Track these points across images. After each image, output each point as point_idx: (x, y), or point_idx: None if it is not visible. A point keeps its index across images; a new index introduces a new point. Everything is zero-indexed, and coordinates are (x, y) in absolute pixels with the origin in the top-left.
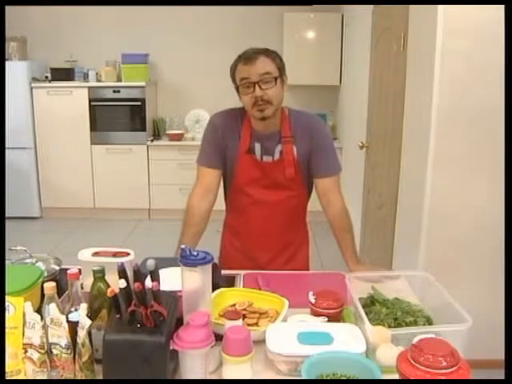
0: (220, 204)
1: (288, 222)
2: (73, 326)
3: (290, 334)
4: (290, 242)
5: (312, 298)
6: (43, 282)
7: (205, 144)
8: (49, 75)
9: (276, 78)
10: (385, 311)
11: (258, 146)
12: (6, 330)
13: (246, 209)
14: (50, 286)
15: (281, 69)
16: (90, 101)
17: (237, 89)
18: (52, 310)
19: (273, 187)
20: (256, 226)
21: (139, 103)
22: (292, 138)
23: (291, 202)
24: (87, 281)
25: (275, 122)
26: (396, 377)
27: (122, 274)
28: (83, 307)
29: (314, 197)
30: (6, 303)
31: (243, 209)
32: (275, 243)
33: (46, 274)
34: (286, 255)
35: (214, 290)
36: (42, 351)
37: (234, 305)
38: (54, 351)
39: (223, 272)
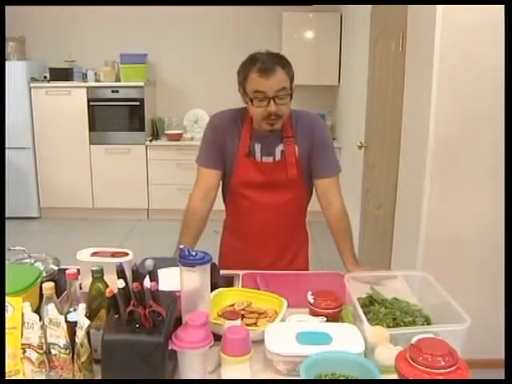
0: (220, 204)
1: (289, 225)
2: (71, 326)
3: (288, 333)
4: (291, 244)
5: (311, 298)
6: (42, 282)
7: (205, 144)
8: (47, 75)
9: (291, 95)
10: (383, 311)
11: (258, 147)
12: (5, 330)
13: (246, 212)
14: (48, 286)
15: (292, 80)
16: (88, 101)
17: (245, 97)
18: (51, 310)
19: (273, 189)
20: (256, 230)
21: (138, 103)
22: (293, 138)
23: (292, 204)
24: (86, 281)
25: None
26: (395, 377)
27: (121, 274)
28: (82, 307)
29: (314, 197)
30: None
31: (243, 212)
32: (276, 246)
33: (44, 274)
34: (286, 258)
35: (212, 290)
36: (41, 351)
37: (232, 305)
38: (53, 351)
39: (222, 272)
